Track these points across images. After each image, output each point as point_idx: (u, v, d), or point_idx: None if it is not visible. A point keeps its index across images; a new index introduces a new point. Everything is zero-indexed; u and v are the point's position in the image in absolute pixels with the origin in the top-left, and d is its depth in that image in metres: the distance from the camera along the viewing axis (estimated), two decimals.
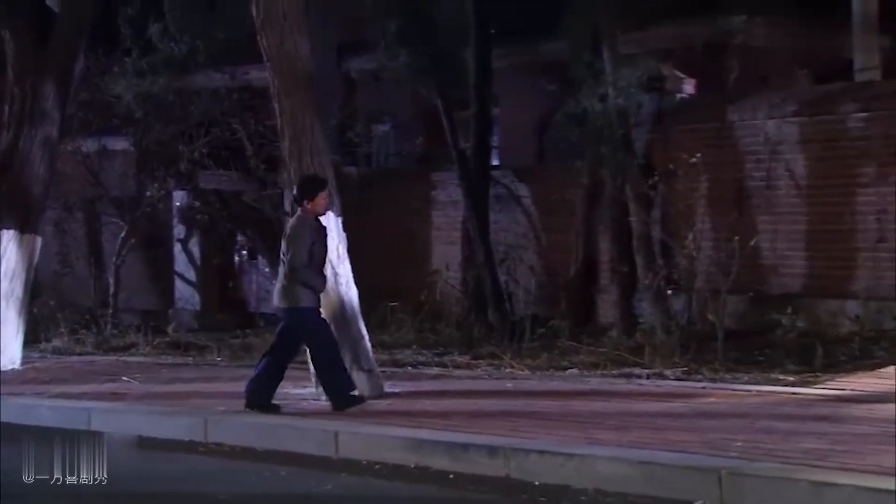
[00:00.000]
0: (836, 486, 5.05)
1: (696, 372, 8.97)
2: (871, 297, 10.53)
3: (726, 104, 12.00)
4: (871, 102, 10.91)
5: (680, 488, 5.51)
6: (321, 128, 9.18)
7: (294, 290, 8.03)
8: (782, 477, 5.29)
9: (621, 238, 11.94)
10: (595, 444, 6.26)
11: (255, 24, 9.11)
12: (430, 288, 13.76)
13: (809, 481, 5.15)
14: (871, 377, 8.14)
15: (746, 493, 5.30)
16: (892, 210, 10.59)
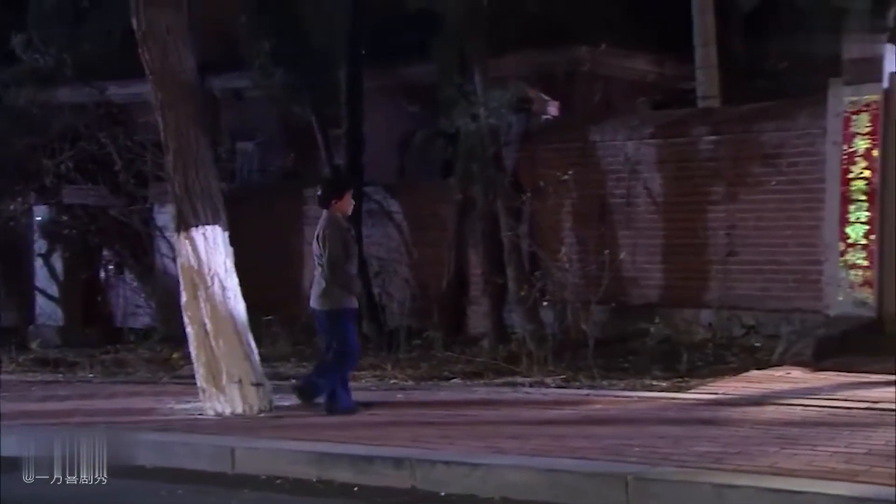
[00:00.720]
0: (737, 487, 5.08)
1: (574, 379, 8.99)
2: (723, 307, 10.84)
3: (589, 126, 12.19)
4: (719, 127, 11.26)
5: (587, 495, 5.46)
6: (206, 141, 8.82)
7: (334, 292, 7.73)
8: (685, 480, 5.29)
9: (493, 251, 11.96)
10: (498, 453, 6.15)
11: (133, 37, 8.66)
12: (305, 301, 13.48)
13: (712, 484, 5.16)
14: (737, 381, 8.31)
15: (652, 498, 5.28)
16: (741, 226, 10.95)
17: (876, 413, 6.71)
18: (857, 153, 9.93)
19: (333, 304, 7.79)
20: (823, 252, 10.20)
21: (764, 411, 6.94)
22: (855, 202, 9.94)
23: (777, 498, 4.92)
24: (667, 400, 7.63)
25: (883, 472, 5.15)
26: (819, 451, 5.68)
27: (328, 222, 7.87)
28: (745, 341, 10.57)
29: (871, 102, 9.88)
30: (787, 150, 10.72)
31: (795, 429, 6.31)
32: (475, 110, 11.66)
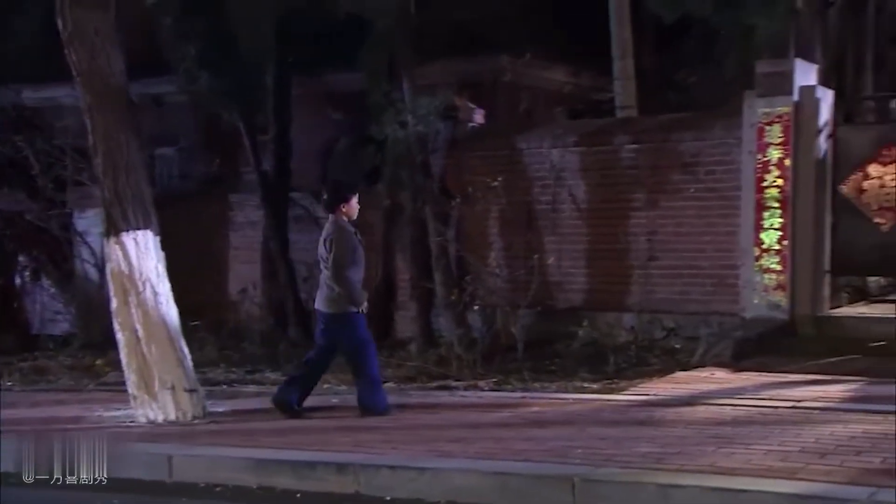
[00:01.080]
0: (682, 487, 5.07)
1: (506, 382, 8.95)
2: (644, 310, 10.94)
3: (515, 133, 12.19)
4: (640, 136, 11.36)
5: (534, 497, 5.41)
6: (136, 144, 8.53)
7: (340, 296, 7.46)
8: (631, 481, 5.26)
9: (421, 257, 11.88)
10: (443, 456, 6.05)
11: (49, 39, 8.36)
12: (232, 307, 13.26)
13: (657, 484, 5.15)
14: (666, 382, 8.36)
15: (598, 499, 5.24)
16: (661, 231, 11.08)
17: (801, 411, 6.81)
18: (770, 162, 10.10)
19: (340, 307, 7.54)
20: (739, 257, 10.36)
21: (696, 411, 6.97)
22: (769, 209, 10.11)
23: (722, 497, 4.92)
24: (601, 401, 7.62)
25: (819, 468, 5.21)
26: (754, 449, 5.71)
27: (335, 227, 7.64)
28: (665, 343, 10.68)
29: (783, 114, 10.06)
30: (704, 159, 10.87)
31: (728, 428, 6.35)
32: (403, 117, 11.58)
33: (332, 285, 7.49)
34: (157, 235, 8.38)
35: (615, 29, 13.55)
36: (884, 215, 9.98)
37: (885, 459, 5.35)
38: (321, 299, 7.66)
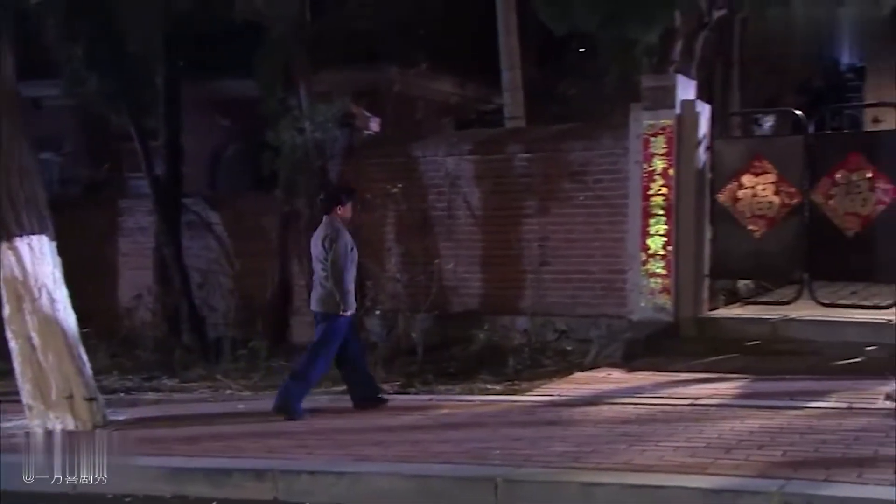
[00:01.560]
0: (603, 485, 5.09)
1: (410, 385, 8.86)
2: (537, 313, 11.02)
3: (411, 141, 12.12)
4: (532, 145, 11.45)
5: (457, 499, 5.34)
6: (29, 147, 8.09)
7: (334, 296, 7.38)
8: (553, 481, 5.25)
9: None
10: (362, 460, 5.91)
11: None
12: (124, 313, 12.76)
13: (579, 483, 5.15)
14: (566, 383, 8.40)
15: (520, 500, 5.20)
16: (552, 237, 11.19)
17: (699, 409, 6.93)
18: (655, 172, 10.30)
19: (332, 308, 7.43)
20: (627, 262, 10.52)
21: (601, 411, 7.02)
22: (654, 216, 10.29)
23: (641, 493, 4.95)
24: (507, 403, 7.60)
25: (727, 463, 5.31)
26: (663, 446, 5.78)
27: (332, 228, 7.58)
28: (557, 345, 10.76)
29: (666, 126, 10.27)
30: (593, 168, 11.03)
31: (635, 426, 6.41)
32: (301, 124, 11.36)
33: (325, 284, 7.42)
34: (53, 241, 7.96)
35: (503, 41, 13.64)
36: (757, 223, 10.29)
37: (785, 452, 5.49)
38: (315, 298, 7.60)
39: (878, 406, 6.79)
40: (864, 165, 9.77)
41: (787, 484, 4.79)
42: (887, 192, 9.64)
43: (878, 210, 9.70)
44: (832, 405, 6.82)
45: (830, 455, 5.37)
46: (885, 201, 9.66)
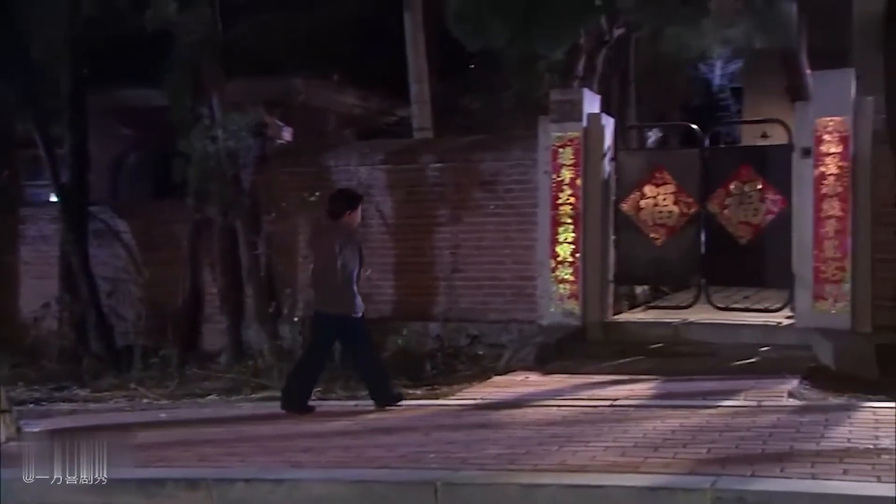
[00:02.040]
0: (543, 486, 5.06)
1: (331, 391, 8.70)
2: (450, 319, 11.04)
3: (323, 151, 11.97)
4: (444, 155, 11.47)
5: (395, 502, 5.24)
6: None
7: (345, 298, 7.35)
8: (493, 483, 5.21)
9: (231, 270, 11.41)
10: (298, 467, 5.76)
11: None
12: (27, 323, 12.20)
13: (518, 484, 5.12)
14: (486, 387, 8.38)
15: (462, 502, 5.15)
16: (464, 245, 11.21)
17: (620, 410, 7.00)
18: (563, 182, 10.43)
19: (348, 310, 7.41)
20: (536, 269, 10.62)
21: (526, 413, 7.02)
22: (563, 224, 10.42)
23: (581, 493, 4.95)
24: (433, 407, 7.53)
25: (657, 461, 5.37)
26: (593, 447, 5.81)
27: (344, 233, 7.57)
28: (470, 350, 10.77)
29: (573, 138, 10.42)
30: (503, 178, 11.11)
31: (561, 428, 6.42)
32: (214, 133, 11.09)
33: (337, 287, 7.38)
34: None
35: (411, 55, 13.64)
36: (658, 231, 10.55)
37: (709, 450, 5.58)
38: (324, 300, 7.53)
39: (784, 403, 7.01)
40: (755, 177, 10.13)
41: (717, 480, 4.87)
42: (776, 202, 10.01)
43: (767, 219, 10.07)
44: (743, 403, 6.99)
45: (751, 451, 5.49)
46: (774, 211, 10.03)
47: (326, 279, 7.48)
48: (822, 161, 9.45)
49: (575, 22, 10.66)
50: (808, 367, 8.54)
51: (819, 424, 6.09)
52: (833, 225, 9.40)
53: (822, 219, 9.43)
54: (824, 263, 9.40)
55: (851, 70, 9.64)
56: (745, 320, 10.15)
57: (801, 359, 8.89)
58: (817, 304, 9.43)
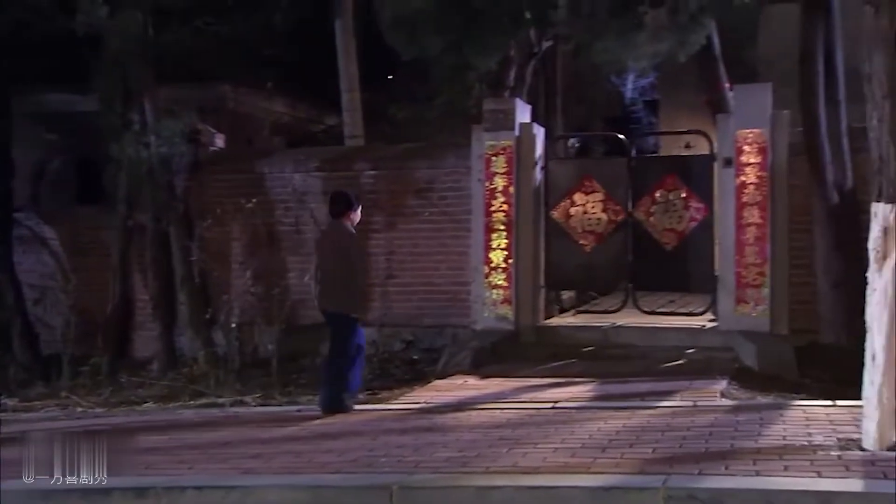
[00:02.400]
0: (498, 488, 5.04)
1: (270, 397, 8.53)
2: (385, 325, 10.91)
3: (257, 158, 11.77)
4: (379, 163, 11.38)
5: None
6: None
7: (348, 297, 7.42)
8: (448, 486, 5.16)
9: (163, 277, 11.11)
10: (248, 473, 5.61)
11: None
12: None
13: (475, 487, 5.08)
14: (428, 391, 8.31)
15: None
16: (399, 252, 11.14)
17: (562, 412, 7.02)
18: (497, 189, 10.44)
19: (349, 308, 7.48)
20: (470, 274, 10.60)
21: (470, 416, 6.98)
22: (496, 231, 10.43)
23: (536, 494, 4.94)
24: (378, 412, 7.43)
25: (607, 462, 5.40)
26: (542, 448, 5.81)
27: (346, 233, 7.69)
28: (405, 355, 10.70)
29: (506, 147, 10.45)
30: (438, 186, 11.09)
31: (508, 430, 6.40)
32: (146, 139, 10.79)
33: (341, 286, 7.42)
34: None
35: (342, 63, 13.53)
36: (587, 238, 10.64)
37: (655, 449, 5.64)
38: (328, 299, 7.54)
39: (718, 403, 7.13)
40: (680, 186, 10.29)
41: (668, 479, 4.92)
42: (699, 210, 10.19)
43: (691, 226, 10.24)
44: (679, 404, 7.08)
45: (695, 450, 5.56)
46: (698, 218, 10.21)
47: (329, 278, 7.54)
48: (742, 171, 9.66)
49: (508, 33, 10.68)
50: (734, 368, 8.71)
51: (755, 423, 6.21)
52: (753, 232, 9.60)
53: (743, 226, 9.63)
54: (745, 269, 9.60)
55: (769, 84, 9.88)
56: (670, 324, 10.31)
57: (725, 360, 9.07)
58: (739, 307, 9.62)
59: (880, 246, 5.33)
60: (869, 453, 5.24)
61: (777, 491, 4.69)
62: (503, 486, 5.03)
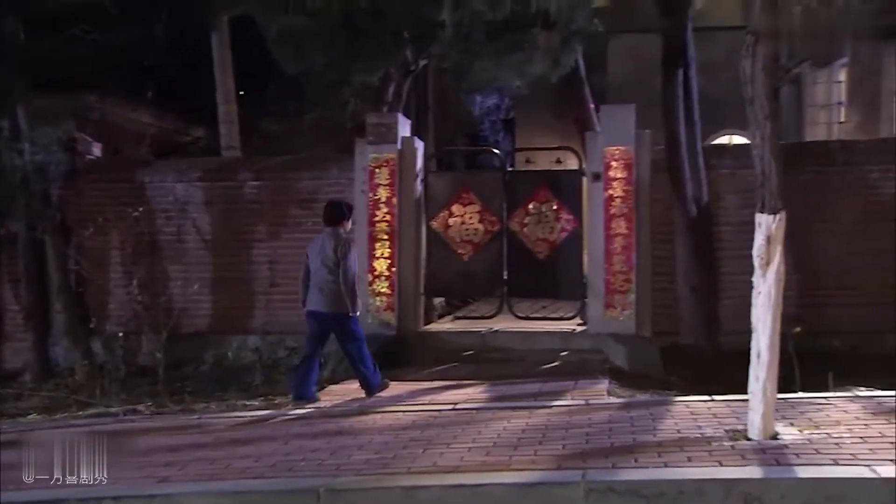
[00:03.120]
0: (425, 487, 4.97)
1: (163, 405, 8.12)
2: (268, 332, 10.65)
3: (138, 167, 11.23)
4: (262, 174, 11.10)
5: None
6: None
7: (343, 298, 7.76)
8: (375, 487, 5.05)
9: (37, 286, 10.41)
10: (165, 482, 5.31)
11: None
12: None
13: (401, 487, 4.99)
14: (326, 395, 8.09)
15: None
16: (281, 260, 10.88)
17: (464, 413, 6.97)
18: (380, 200, 10.38)
19: (343, 308, 7.78)
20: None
21: (376, 419, 6.87)
22: (380, 240, 10.36)
23: (463, 492, 4.90)
24: (281, 417, 7.19)
25: (523, 459, 5.41)
26: (456, 448, 5.77)
27: (341, 238, 7.98)
28: (289, 362, 10.41)
29: (389, 159, 10.40)
30: (321, 196, 10.88)
31: (418, 432, 6.33)
32: (20, 146, 10.11)
33: (333, 288, 7.76)
34: None
35: (219, 76, 13.18)
36: (464, 247, 10.72)
37: (564, 446, 5.71)
38: (322, 301, 7.81)
39: (608, 401, 7.29)
40: (551, 198, 10.54)
41: (586, 473, 4.99)
42: (569, 221, 10.46)
43: (562, 237, 10.50)
44: (571, 403, 7.19)
45: (601, 445, 5.67)
46: (568, 229, 10.48)
47: (322, 281, 7.81)
48: (610, 185, 9.97)
49: (390, 51, 10.65)
50: (606, 369, 8.95)
51: (647, 419, 6.39)
52: (620, 242, 9.93)
53: (611, 236, 9.95)
54: (613, 276, 9.91)
55: (633, 105, 10.24)
56: (544, 328, 10.50)
57: (597, 361, 9.32)
58: (608, 312, 9.91)
59: (764, 253, 5.62)
60: (756, 442, 5.50)
61: (687, 480, 4.84)
62: (430, 486, 4.97)
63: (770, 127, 5.63)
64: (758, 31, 5.64)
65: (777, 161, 5.63)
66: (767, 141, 5.62)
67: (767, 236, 5.60)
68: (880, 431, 5.55)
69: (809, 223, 10.07)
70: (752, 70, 5.61)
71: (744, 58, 5.63)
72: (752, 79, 5.62)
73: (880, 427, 5.66)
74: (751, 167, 9.98)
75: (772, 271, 5.57)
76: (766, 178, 5.62)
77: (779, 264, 5.58)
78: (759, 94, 5.61)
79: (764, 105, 5.62)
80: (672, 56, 9.97)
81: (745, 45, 5.69)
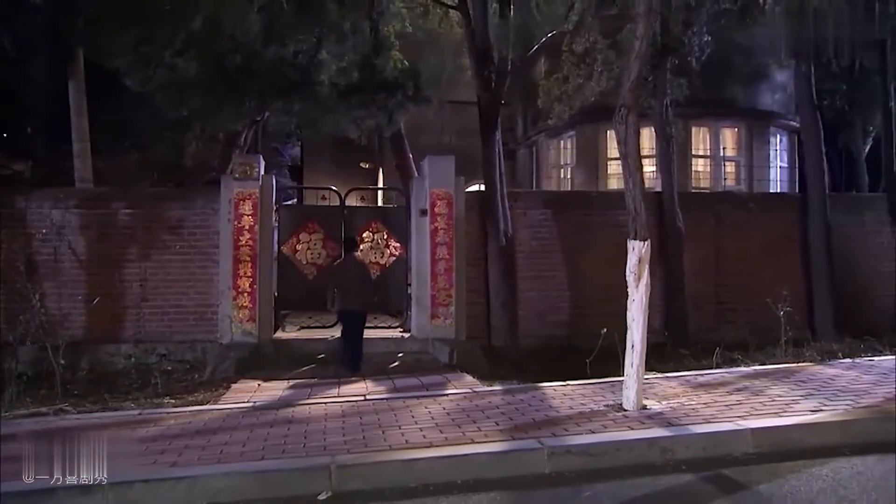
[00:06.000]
0: (419, 460, 4.78)
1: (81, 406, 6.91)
2: (140, 341, 9.58)
3: (16, 194, 9.61)
4: (135, 203, 10.04)
5: (296, 487, 4.49)
6: None
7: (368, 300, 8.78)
8: (376, 462, 4.77)
9: None
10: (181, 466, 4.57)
11: None
12: None
13: (400, 461, 4.75)
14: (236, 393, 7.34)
15: (354, 479, 4.62)
16: (152, 279, 9.85)
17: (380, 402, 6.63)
18: (244, 228, 9.81)
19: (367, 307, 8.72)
20: (218, 298, 9.77)
21: (305, 411, 6.33)
22: (243, 262, 9.79)
23: (451, 462, 4.78)
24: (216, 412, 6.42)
25: (475, 434, 5.33)
26: (406, 429, 5.56)
27: (359, 260, 8.48)
28: (159, 367, 9.37)
29: (251, 193, 9.88)
30: (188, 224, 10.05)
31: (357, 419, 5.98)
32: None
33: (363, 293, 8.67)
34: None
35: (74, 118, 11.69)
36: (310, 268, 10.43)
37: (497, 423, 5.64)
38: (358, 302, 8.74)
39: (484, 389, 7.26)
40: (382, 229, 10.55)
41: (542, 441, 5.03)
42: (397, 248, 10.53)
43: (391, 260, 10.55)
44: (460, 391, 7.10)
45: (524, 421, 5.69)
46: (396, 255, 10.54)
47: (354, 288, 8.64)
48: (435, 219, 10.19)
49: (260, 101, 10.07)
50: (441, 365, 9.02)
51: (538, 400, 6.38)
52: (444, 265, 10.16)
53: (436, 260, 10.14)
54: (438, 292, 10.09)
55: (452, 157, 10.52)
56: (379, 335, 10.38)
57: (429, 360, 9.41)
58: (433, 321, 10.07)
59: (636, 270, 6.06)
60: (636, 412, 5.87)
61: (615, 441, 5.08)
62: (422, 458, 4.78)
63: (640, 176, 6.08)
64: (628, 104, 6.08)
65: (644, 202, 6.08)
66: (637, 187, 6.07)
67: (639, 258, 6.03)
68: (713, 399, 6.15)
69: (579, 252, 10.85)
70: (626, 133, 6.04)
71: (618, 123, 6.02)
72: (626, 140, 6.05)
73: (709, 397, 6.27)
74: (536, 207, 10.74)
75: (643, 284, 6.01)
76: (637, 214, 6.06)
77: (647, 278, 6.02)
78: (632, 151, 6.05)
79: (635, 160, 6.07)
80: (489, 122, 10.41)
81: (619, 114, 6.06)
